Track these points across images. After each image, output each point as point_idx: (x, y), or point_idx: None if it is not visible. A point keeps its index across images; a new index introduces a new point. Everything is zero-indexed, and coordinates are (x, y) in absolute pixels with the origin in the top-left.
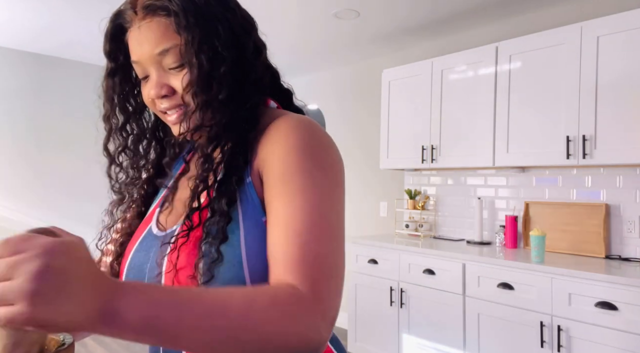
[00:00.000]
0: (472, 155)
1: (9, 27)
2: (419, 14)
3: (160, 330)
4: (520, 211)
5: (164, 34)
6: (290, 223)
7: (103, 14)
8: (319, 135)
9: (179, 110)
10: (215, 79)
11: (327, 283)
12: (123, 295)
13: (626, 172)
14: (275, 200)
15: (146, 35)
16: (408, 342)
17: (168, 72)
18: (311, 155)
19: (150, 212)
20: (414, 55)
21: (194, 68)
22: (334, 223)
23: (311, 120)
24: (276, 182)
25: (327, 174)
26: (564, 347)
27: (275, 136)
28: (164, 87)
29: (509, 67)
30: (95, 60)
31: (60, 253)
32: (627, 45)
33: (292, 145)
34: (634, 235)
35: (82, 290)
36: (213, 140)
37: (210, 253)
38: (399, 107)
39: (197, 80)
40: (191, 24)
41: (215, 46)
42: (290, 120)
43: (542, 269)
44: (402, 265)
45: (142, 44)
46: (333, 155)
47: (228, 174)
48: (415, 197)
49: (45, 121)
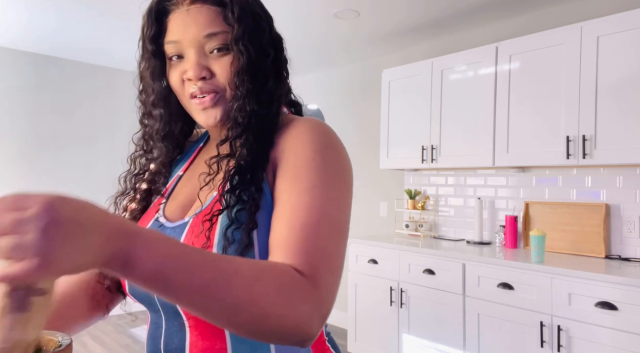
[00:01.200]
0: (472, 155)
1: (12, 29)
2: (419, 14)
3: (167, 285)
4: (520, 211)
5: (214, 19)
6: (296, 216)
7: (103, 14)
8: (334, 139)
9: (213, 95)
10: (261, 70)
11: (326, 276)
12: (140, 243)
13: (626, 172)
14: (285, 194)
15: (195, 17)
16: (408, 342)
17: (209, 56)
18: (325, 156)
19: (153, 204)
20: (414, 55)
21: (244, 56)
22: (339, 223)
23: (325, 123)
24: (288, 176)
25: (338, 176)
26: (564, 347)
27: (293, 134)
28: (204, 70)
29: (509, 67)
30: (95, 60)
31: (63, 206)
32: (627, 45)
33: (308, 143)
34: (634, 235)
35: (94, 236)
36: (245, 130)
37: (242, 239)
38: (399, 107)
39: (245, 67)
40: (242, 15)
41: (262, 41)
42: (309, 121)
43: (542, 269)
44: (402, 265)
45: (189, 25)
46: (345, 159)
47: (255, 164)
48: (415, 197)
49: (46, 121)
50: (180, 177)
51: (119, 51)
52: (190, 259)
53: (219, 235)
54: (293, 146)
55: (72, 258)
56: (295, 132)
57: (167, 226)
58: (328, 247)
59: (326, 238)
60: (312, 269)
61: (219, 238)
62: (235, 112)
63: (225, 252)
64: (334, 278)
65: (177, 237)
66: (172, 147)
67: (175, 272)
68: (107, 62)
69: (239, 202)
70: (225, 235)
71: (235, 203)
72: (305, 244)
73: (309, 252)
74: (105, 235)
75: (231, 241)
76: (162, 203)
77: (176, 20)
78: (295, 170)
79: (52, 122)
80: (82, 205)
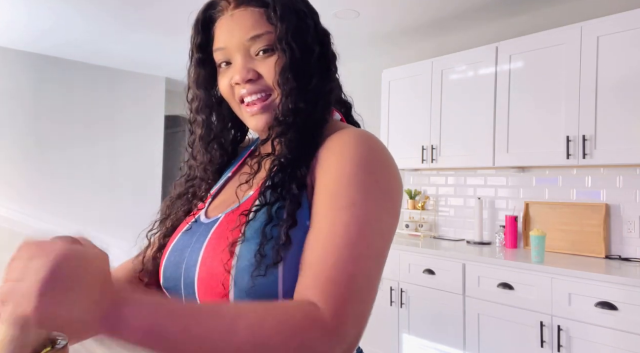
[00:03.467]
0: (472, 155)
1: (11, 28)
2: (419, 14)
3: (163, 339)
4: (520, 211)
5: (257, 21)
6: (331, 236)
7: (104, 14)
8: (379, 152)
9: (261, 97)
10: (305, 68)
11: (353, 307)
12: (130, 303)
13: (626, 172)
14: (322, 210)
15: (239, 22)
16: (408, 342)
17: (254, 58)
18: (367, 171)
19: (200, 205)
20: (414, 55)
21: (287, 54)
22: (376, 246)
23: (373, 134)
24: (327, 192)
25: (381, 193)
26: (563, 347)
27: (335, 145)
28: (250, 71)
29: (509, 67)
30: (95, 60)
31: (72, 259)
32: (627, 45)
33: (350, 157)
34: (634, 235)
35: (88, 296)
36: (288, 128)
37: (280, 236)
38: (399, 107)
39: (288, 65)
40: (285, 14)
41: (306, 38)
42: (353, 132)
43: (542, 269)
44: (402, 265)
45: (233, 31)
46: (391, 174)
47: (297, 161)
48: (415, 197)
49: (46, 121)
50: (229, 178)
51: (119, 51)
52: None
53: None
54: (335, 158)
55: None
56: (339, 143)
57: (202, 222)
58: (361, 273)
59: (358, 264)
60: (337, 300)
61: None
62: (279, 111)
63: (262, 249)
64: (363, 308)
65: (205, 232)
66: (219, 153)
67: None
68: (108, 62)
69: (278, 200)
70: (264, 232)
71: (275, 201)
72: (334, 270)
73: (336, 280)
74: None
75: (269, 237)
76: (207, 203)
77: (222, 27)
78: (335, 185)
79: (52, 122)
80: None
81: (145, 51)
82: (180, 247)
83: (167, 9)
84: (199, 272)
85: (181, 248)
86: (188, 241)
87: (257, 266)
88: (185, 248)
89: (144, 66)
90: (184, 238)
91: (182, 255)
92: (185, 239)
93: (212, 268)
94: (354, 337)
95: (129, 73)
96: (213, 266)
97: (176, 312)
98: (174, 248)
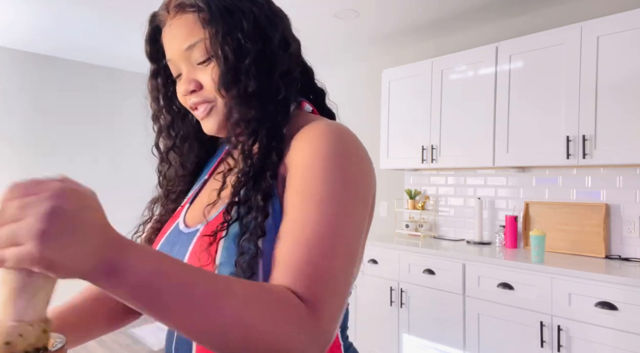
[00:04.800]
0: (472, 155)
1: (11, 28)
2: (419, 14)
3: (154, 300)
4: (520, 211)
5: (191, 29)
6: (302, 233)
7: (103, 14)
8: (349, 144)
9: (205, 105)
10: (242, 72)
11: (328, 301)
12: (132, 253)
13: (626, 172)
14: (291, 207)
15: (175, 32)
16: (408, 342)
17: (196, 68)
18: (336, 165)
19: (179, 208)
20: (414, 55)
21: (220, 61)
22: (347, 241)
23: (344, 126)
24: (296, 189)
25: (351, 187)
26: (564, 347)
27: (303, 140)
28: (192, 82)
29: (509, 67)
30: (95, 60)
31: (72, 197)
32: (627, 45)
33: (318, 151)
34: (634, 235)
35: (91, 237)
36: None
37: (249, 249)
38: (399, 107)
39: (223, 73)
40: (215, 17)
41: (239, 38)
42: (321, 125)
43: (542, 269)
44: (402, 265)
45: (172, 41)
46: (361, 166)
47: (263, 169)
48: (415, 197)
49: (45, 121)
50: (206, 181)
51: (119, 51)
52: (182, 275)
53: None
54: (303, 153)
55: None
56: (307, 137)
57: (181, 231)
58: (334, 268)
59: (332, 259)
60: (313, 293)
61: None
62: (227, 122)
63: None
64: (338, 301)
65: (185, 244)
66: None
67: (165, 286)
68: (108, 62)
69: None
70: (239, 244)
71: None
72: (308, 265)
73: (311, 275)
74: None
75: (243, 250)
76: (184, 208)
77: (165, 39)
78: (303, 182)
79: (52, 122)
80: (90, 202)
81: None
82: None
83: None
84: None
85: None
86: (169, 252)
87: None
88: None
89: (144, 66)
90: (164, 248)
91: None
92: (165, 251)
93: None
94: (330, 331)
95: (129, 73)
96: None
97: (173, 275)
98: None
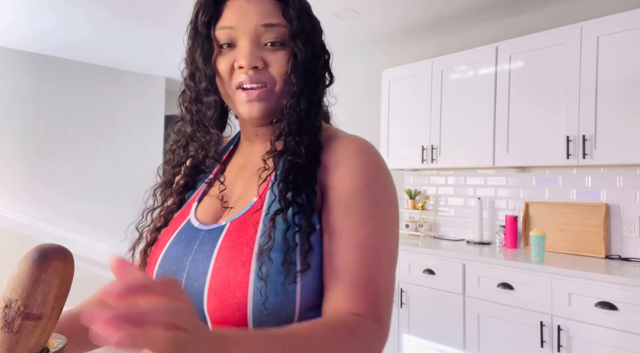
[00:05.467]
0: (472, 155)
1: (12, 29)
2: (419, 13)
3: None
4: (520, 211)
5: (273, 11)
6: (361, 249)
7: (104, 14)
8: (383, 164)
9: (262, 87)
10: (315, 71)
11: (387, 313)
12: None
13: (626, 172)
14: (341, 224)
15: (255, 6)
16: (408, 342)
17: (263, 48)
18: (378, 184)
19: (187, 204)
20: (414, 55)
21: (300, 53)
22: (392, 251)
23: (371, 144)
24: (343, 205)
25: (389, 204)
26: (564, 347)
27: (344, 155)
28: (258, 59)
29: (509, 67)
30: (95, 60)
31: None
32: (627, 45)
33: (362, 170)
34: (634, 235)
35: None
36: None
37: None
38: (399, 107)
39: (300, 65)
40: (302, 14)
41: (315, 42)
42: (356, 142)
43: (542, 269)
44: (402, 265)
45: (248, 13)
46: (391, 182)
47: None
48: (415, 197)
49: (46, 121)
50: (211, 179)
51: (119, 51)
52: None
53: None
54: (345, 171)
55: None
56: (344, 153)
57: (201, 229)
58: (387, 281)
59: (385, 273)
60: (376, 309)
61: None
62: (288, 109)
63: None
64: (391, 305)
65: (209, 240)
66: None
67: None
68: (108, 62)
69: (291, 205)
70: (286, 239)
71: (288, 206)
72: (369, 284)
73: (374, 292)
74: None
75: (292, 245)
76: (193, 206)
77: (234, 7)
78: (349, 199)
79: (52, 122)
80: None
81: (145, 51)
82: (175, 255)
83: (167, 9)
84: (211, 281)
85: (177, 256)
86: (185, 249)
87: (286, 274)
88: (183, 257)
89: (144, 66)
90: (177, 247)
91: (180, 264)
92: (180, 247)
93: (228, 279)
94: (388, 332)
95: (129, 73)
96: (228, 276)
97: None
98: (167, 256)
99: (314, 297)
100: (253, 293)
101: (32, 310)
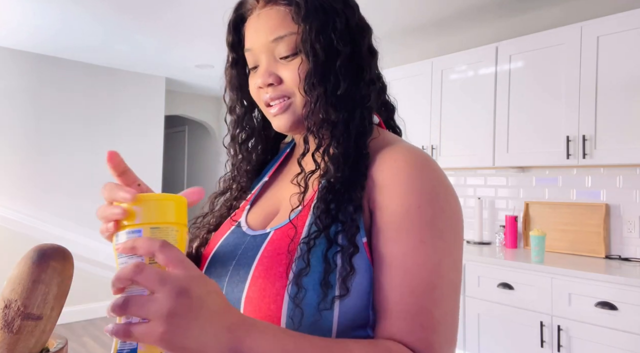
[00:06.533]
0: (472, 155)
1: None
2: (419, 14)
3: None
4: (520, 211)
5: (282, 22)
6: (409, 279)
7: (104, 14)
8: (442, 180)
9: (282, 101)
10: (331, 71)
11: (442, 349)
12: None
13: (626, 172)
14: (389, 248)
15: (264, 22)
16: None
17: (278, 62)
18: (434, 204)
19: (240, 208)
20: (414, 55)
21: (309, 57)
22: (453, 284)
23: (428, 156)
24: (391, 226)
25: (450, 227)
26: (563, 347)
27: (393, 169)
28: (271, 76)
29: (509, 67)
30: (95, 60)
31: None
32: (627, 45)
33: (414, 187)
34: (634, 235)
35: (214, 321)
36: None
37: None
38: (399, 107)
39: (312, 70)
40: (310, 13)
41: (331, 38)
42: (411, 153)
43: (542, 269)
44: None
45: (259, 31)
46: (455, 203)
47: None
48: None
49: (46, 121)
50: (265, 183)
51: (119, 51)
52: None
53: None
54: (396, 188)
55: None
56: (394, 167)
57: (248, 233)
58: (444, 315)
59: (442, 306)
60: (429, 344)
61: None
62: (308, 121)
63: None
64: (450, 346)
65: (253, 247)
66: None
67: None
68: (108, 62)
69: (334, 223)
70: (327, 259)
71: (331, 224)
72: (420, 316)
73: (424, 325)
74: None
75: (333, 265)
76: (245, 209)
77: (250, 28)
78: (399, 222)
79: (52, 122)
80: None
81: (145, 51)
82: (221, 258)
83: (167, 9)
84: (248, 290)
85: (223, 260)
86: (232, 252)
87: (323, 298)
88: (229, 260)
89: (144, 66)
90: (226, 249)
91: (224, 267)
92: (228, 250)
93: (264, 289)
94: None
95: (129, 73)
96: (265, 286)
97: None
98: (215, 258)
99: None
100: (287, 307)
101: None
